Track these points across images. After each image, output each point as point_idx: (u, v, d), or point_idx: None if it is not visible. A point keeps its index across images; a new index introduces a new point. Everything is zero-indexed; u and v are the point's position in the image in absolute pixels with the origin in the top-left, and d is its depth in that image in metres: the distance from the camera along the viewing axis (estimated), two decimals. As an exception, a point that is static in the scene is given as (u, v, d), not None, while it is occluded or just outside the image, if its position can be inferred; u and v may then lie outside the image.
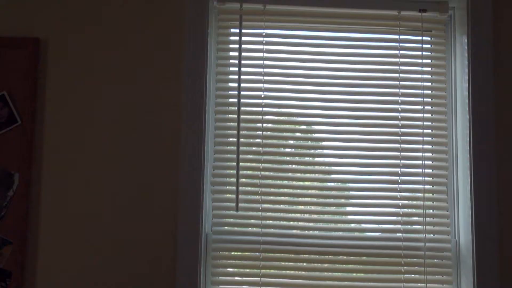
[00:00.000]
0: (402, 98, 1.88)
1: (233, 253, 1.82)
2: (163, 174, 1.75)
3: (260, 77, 1.87)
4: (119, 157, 1.75)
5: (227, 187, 1.84)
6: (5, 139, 1.72)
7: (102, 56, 1.79)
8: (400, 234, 1.81)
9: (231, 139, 1.86)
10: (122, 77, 1.79)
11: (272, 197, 1.84)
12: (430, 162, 1.87)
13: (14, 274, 1.67)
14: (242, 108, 1.86)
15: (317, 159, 1.88)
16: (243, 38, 1.89)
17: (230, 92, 1.88)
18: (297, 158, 1.87)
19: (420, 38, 1.91)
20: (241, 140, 1.84)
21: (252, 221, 1.82)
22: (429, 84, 1.90)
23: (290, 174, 1.86)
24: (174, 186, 1.73)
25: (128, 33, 1.80)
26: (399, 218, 1.83)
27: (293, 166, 1.88)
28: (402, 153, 1.85)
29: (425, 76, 1.90)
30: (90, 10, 1.81)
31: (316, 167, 1.88)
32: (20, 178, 1.71)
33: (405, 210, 1.83)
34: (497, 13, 1.84)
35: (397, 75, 1.89)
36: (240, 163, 1.83)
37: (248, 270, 1.80)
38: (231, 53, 1.90)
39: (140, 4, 1.82)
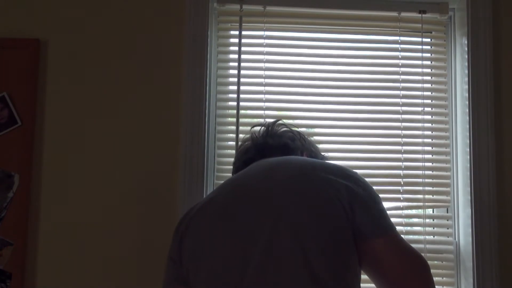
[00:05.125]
0: (402, 100, 1.88)
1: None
2: (164, 176, 1.75)
3: (261, 80, 1.87)
4: (119, 158, 1.75)
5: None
6: (5, 140, 1.72)
7: (102, 57, 1.79)
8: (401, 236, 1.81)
9: (231, 143, 1.86)
10: (123, 78, 1.79)
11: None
12: (430, 164, 1.87)
13: (15, 275, 1.67)
14: (242, 111, 1.85)
15: (317, 160, 1.88)
16: (243, 40, 1.89)
17: (230, 95, 1.88)
18: (297, 160, 1.87)
19: (420, 39, 1.91)
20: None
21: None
22: (429, 85, 1.90)
23: (290, 176, 1.86)
24: (175, 189, 1.73)
25: (128, 34, 1.80)
26: (401, 220, 1.83)
27: (294, 167, 1.87)
28: (404, 155, 1.85)
29: (425, 77, 1.90)
30: (90, 11, 1.81)
31: (317, 169, 1.87)
32: (20, 179, 1.71)
33: (406, 211, 1.83)
34: (497, 14, 1.84)
35: (397, 76, 1.89)
36: (242, 166, 1.83)
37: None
38: (231, 55, 1.90)
39: (140, 5, 1.82)
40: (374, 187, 1.19)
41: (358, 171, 1.90)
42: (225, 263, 1.07)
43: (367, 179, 1.19)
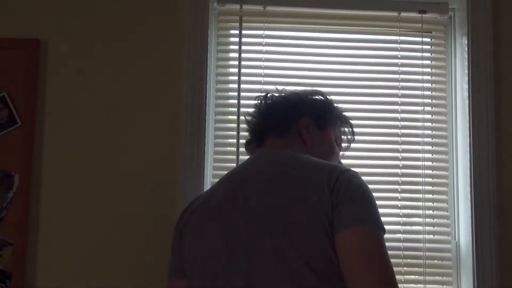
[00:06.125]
0: (402, 99, 1.88)
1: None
2: (164, 176, 1.75)
3: (260, 78, 1.87)
4: (119, 158, 1.75)
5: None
6: (5, 140, 1.72)
7: (102, 57, 1.79)
8: (400, 235, 1.81)
9: (231, 140, 1.86)
10: (122, 78, 1.79)
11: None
12: (430, 163, 1.87)
13: (14, 276, 1.67)
14: (242, 109, 1.86)
15: (317, 160, 1.88)
16: (243, 39, 1.89)
17: (230, 93, 1.88)
18: (297, 159, 1.87)
19: (420, 39, 1.91)
20: (241, 141, 1.83)
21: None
22: (429, 85, 1.90)
23: (290, 175, 1.86)
24: (175, 188, 1.73)
25: (128, 34, 1.80)
26: (399, 219, 1.83)
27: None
28: (402, 154, 1.85)
29: (425, 77, 1.90)
30: (89, 11, 1.81)
31: (316, 168, 1.87)
32: (20, 179, 1.71)
33: (405, 211, 1.83)
34: (497, 14, 1.84)
35: (397, 76, 1.90)
36: (240, 165, 1.83)
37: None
38: (231, 54, 1.90)
39: (140, 5, 1.82)
40: (372, 186, 1.18)
41: (357, 170, 1.91)
42: (218, 262, 1.10)
43: (365, 178, 1.17)
